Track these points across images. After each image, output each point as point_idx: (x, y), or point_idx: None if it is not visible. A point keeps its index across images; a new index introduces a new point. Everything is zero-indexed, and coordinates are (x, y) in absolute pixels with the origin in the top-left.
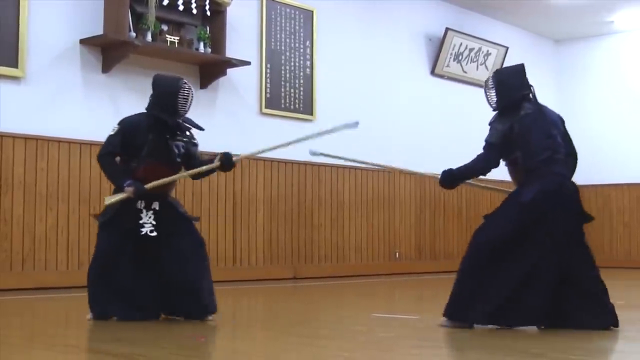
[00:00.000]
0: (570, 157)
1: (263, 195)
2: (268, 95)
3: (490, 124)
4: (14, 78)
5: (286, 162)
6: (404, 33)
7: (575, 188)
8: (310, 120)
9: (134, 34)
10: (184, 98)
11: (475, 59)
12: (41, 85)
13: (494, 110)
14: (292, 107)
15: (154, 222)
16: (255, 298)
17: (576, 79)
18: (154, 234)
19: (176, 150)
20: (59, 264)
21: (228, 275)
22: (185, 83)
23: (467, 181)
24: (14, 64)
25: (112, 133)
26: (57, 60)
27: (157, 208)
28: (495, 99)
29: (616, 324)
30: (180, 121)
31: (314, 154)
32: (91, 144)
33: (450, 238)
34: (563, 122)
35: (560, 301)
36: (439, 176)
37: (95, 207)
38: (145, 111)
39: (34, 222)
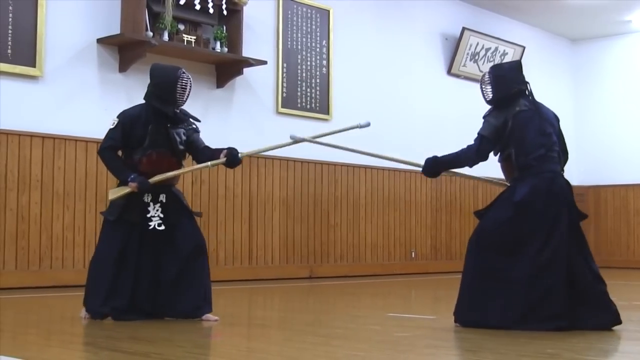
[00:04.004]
0: (563, 155)
1: (279, 195)
2: (284, 95)
3: (484, 117)
4: (32, 77)
5: (302, 162)
6: (420, 32)
7: (567, 185)
8: (326, 120)
9: (150, 33)
10: (183, 88)
11: (491, 59)
12: (58, 84)
13: (488, 103)
14: (308, 106)
15: (161, 215)
16: (271, 297)
17: (593, 79)
18: (162, 227)
19: (178, 138)
20: (76, 262)
21: (244, 274)
22: (184, 72)
23: (456, 171)
24: (32, 63)
25: (112, 127)
26: (74, 60)
27: (164, 200)
28: (491, 93)
29: (618, 322)
30: (178, 111)
31: (293, 138)
32: None
33: (466, 238)
34: (558, 120)
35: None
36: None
37: None
38: (143, 102)
39: (51, 221)
